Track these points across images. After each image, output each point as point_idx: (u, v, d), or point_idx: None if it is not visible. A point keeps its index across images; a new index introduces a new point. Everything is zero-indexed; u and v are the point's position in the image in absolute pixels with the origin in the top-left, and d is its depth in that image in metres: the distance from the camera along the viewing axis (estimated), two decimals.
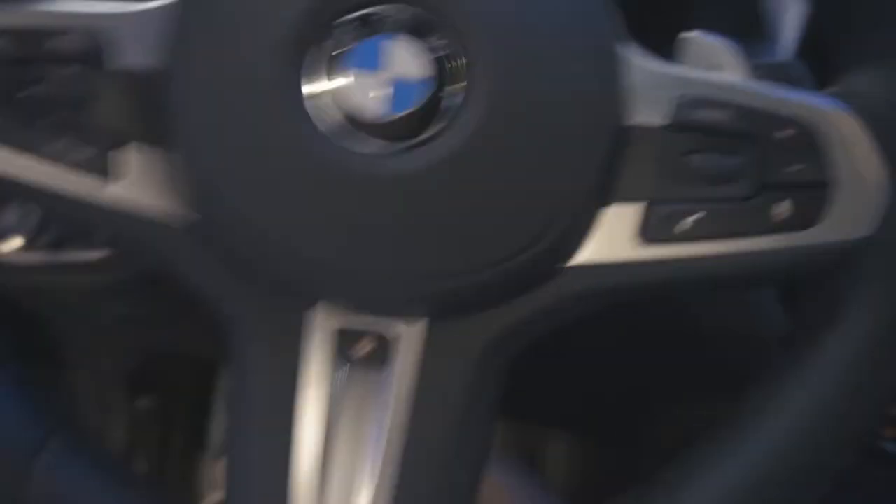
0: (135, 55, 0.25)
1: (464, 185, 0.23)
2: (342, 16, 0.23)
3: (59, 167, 0.24)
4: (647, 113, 0.25)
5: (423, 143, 0.23)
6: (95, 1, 0.26)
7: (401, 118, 0.23)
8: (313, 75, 0.24)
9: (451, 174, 0.23)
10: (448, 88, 0.23)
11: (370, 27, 0.24)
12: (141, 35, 0.25)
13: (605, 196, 0.25)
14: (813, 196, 0.24)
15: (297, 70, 0.23)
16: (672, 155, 0.24)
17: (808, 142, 0.24)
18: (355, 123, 0.23)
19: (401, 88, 0.23)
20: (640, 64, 0.25)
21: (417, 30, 0.24)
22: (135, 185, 0.24)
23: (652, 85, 0.25)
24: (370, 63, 0.23)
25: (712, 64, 0.32)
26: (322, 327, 0.25)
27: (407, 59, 0.23)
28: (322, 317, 0.25)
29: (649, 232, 0.24)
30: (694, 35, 0.32)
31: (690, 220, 0.24)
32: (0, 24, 0.24)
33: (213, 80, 0.24)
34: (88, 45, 0.25)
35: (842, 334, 0.24)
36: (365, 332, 0.25)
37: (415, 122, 0.23)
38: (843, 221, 0.24)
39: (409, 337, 0.25)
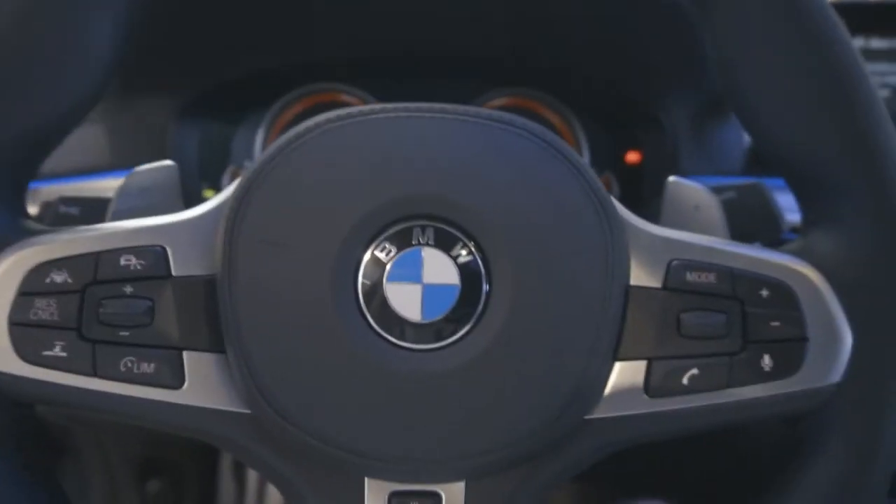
0: (192, 264, 0.27)
1: (496, 374, 0.26)
2: (383, 230, 0.26)
3: (129, 385, 0.26)
4: (644, 276, 0.28)
5: (459, 340, 0.26)
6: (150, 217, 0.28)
7: (438, 320, 0.26)
8: (360, 284, 0.26)
9: (483, 366, 0.26)
10: (474, 292, 0.26)
11: (407, 239, 0.26)
12: (196, 246, 0.27)
13: (615, 353, 0.27)
14: (791, 349, 0.27)
15: (346, 278, 0.26)
16: (667, 315, 0.27)
17: (782, 300, 0.27)
18: (398, 326, 0.26)
19: (433, 295, 0.26)
20: (636, 229, 0.28)
21: (444, 243, 0.26)
22: (196, 388, 0.26)
23: (647, 249, 0.28)
24: (408, 274, 0.26)
25: (692, 204, 0.35)
26: (376, 492, 0.27)
27: (437, 269, 0.26)
28: (375, 484, 0.27)
29: (653, 387, 0.27)
30: (674, 179, 0.35)
31: (687, 375, 0.27)
32: (75, 250, 0.27)
33: (264, 288, 0.26)
34: (154, 259, 0.27)
35: (821, 462, 0.28)
36: (414, 493, 0.28)
37: (450, 322, 0.26)
38: (817, 370, 0.27)
39: (452, 496, 0.28)
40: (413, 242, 0.26)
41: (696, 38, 0.33)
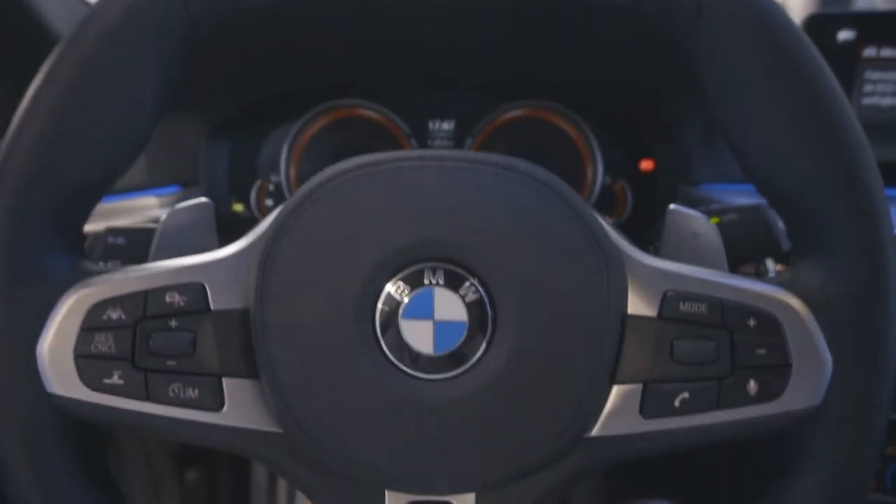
0: (228, 299, 0.30)
1: (501, 400, 0.29)
2: (398, 272, 0.29)
3: (177, 408, 0.30)
4: (641, 305, 0.30)
5: (468, 370, 0.29)
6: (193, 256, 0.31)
7: (448, 352, 0.29)
8: (378, 320, 0.29)
9: (490, 393, 0.29)
10: (482, 327, 0.29)
11: (419, 280, 0.29)
12: (232, 282, 0.30)
13: (613, 376, 0.30)
14: (775, 374, 0.29)
15: (365, 315, 0.29)
16: (661, 342, 0.30)
17: (768, 329, 0.30)
18: (413, 358, 0.29)
19: (444, 331, 0.29)
20: (634, 261, 0.30)
21: (453, 282, 0.29)
22: (235, 411, 0.30)
23: (644, 280, 0.30)
24: (421, 311, 0.29)
25: (691, 231, 0.37)
26: (395, 502, 0.31)
27: (447, 307, 0.29)
28: (394, 495, 0.31)
29: (648, 409, 0.30)
30: (674, 207, 0.37)
31: (679, 398, 0.29)
32: (127, 290, 0.30)
33: (292, 322, 0.29)
34: (195, 295, 0.30)
35: (797, 483, 0.30)
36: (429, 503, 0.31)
37: (459, 354, 0.29)
38: (799, 394, 0.29)
39: None
40: (425, 283, 0.29)
41: None
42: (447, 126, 0.66)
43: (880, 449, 0.31)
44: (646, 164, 0.66)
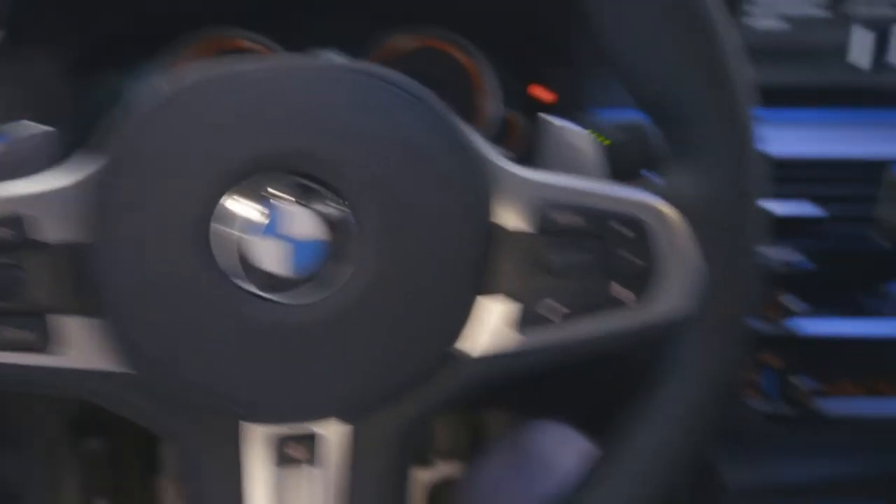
0: (58, 232, 0.27)
1: (362, 323, 0.27)
2: (244, 188, 0.26)
3: (7, 353, 0.27)
4: (515, 218, 0.29)
5: (324, 289, 0.27)
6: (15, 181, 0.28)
7: (304, 272, 0.27)
8: (222, 244, 0.26)
9: (349, 313, 0.27)
10: (341, 245, 0.27)
11: (269, 195, 0.27)
12: (62, 213, 0.27)
13: (476, 287, 0.28)
14: (648, 282, 0.29)
15: (207, 237, 0.26)
16: (534, 254, 0.29)
17: (639, 236, 0.29)
18: (265, 280, 0.27)
19: (301, 250, 0.27)
20: (504, 171, 0.29)
21: (309, 197, 0.27)
22: (73, 352, 0.27)
23: (515, 192, 0.29)
24: (272, 229, 0.26)
25: (567, 143, 0.37)
26: (256, 437, 0.29)
27: (300, 223, 0.27)
28: (254, 429, 0.29)
29: (524, 324, 0.29)
30: (548, 119, 0.36)
31: (554, 311, 0.29)
32: None
33: (132, 254, 0.26)
34: (22, 227, 0.26)
35: (666, 389, 0.31)
36: (296, 437, 0.29)
37: (315, 272, 0.27)
38: (673, 300, 0.29)
39: (333, 437, 0.29)
40: (274, 198, 0.27)
41: None
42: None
43: (748, 354, 0.31)
44: (543, 94, 0.65)
